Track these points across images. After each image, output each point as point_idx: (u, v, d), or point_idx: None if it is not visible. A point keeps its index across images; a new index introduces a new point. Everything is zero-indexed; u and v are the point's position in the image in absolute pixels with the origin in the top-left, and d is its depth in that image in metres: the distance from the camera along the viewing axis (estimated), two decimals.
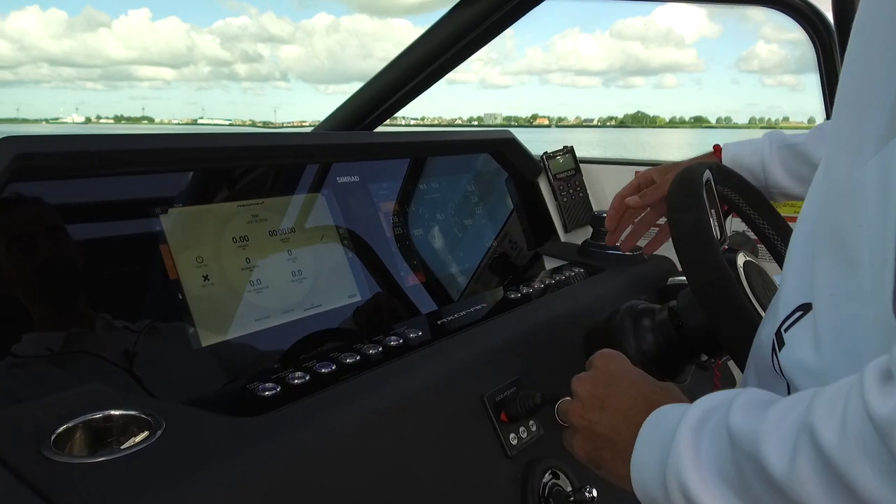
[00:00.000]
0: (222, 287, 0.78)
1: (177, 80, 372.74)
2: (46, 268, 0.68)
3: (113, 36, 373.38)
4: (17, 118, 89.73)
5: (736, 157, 0.95)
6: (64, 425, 0.54)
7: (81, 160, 0.68)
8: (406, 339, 0.81)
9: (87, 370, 0.66)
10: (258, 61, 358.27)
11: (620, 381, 0.61)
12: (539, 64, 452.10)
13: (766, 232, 0.94)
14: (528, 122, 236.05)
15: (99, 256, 0.71)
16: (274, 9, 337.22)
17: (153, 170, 0.77)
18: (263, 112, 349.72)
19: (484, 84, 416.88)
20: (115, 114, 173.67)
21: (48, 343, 0.66)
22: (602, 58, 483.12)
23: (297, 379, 0.68)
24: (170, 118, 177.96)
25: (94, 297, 0.70)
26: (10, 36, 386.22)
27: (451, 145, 1.19)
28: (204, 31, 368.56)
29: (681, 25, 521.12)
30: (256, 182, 0.87)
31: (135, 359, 0.69)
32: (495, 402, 0.75)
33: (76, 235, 0.70)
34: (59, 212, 0.69)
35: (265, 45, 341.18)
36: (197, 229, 0.79)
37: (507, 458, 0.74)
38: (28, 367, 0.64)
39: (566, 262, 1.24)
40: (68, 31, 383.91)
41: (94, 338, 0.68)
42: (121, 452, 0.52)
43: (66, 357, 0.66)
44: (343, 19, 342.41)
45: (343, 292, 0.90)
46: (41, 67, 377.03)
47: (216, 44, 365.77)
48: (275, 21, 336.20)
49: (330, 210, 0.94)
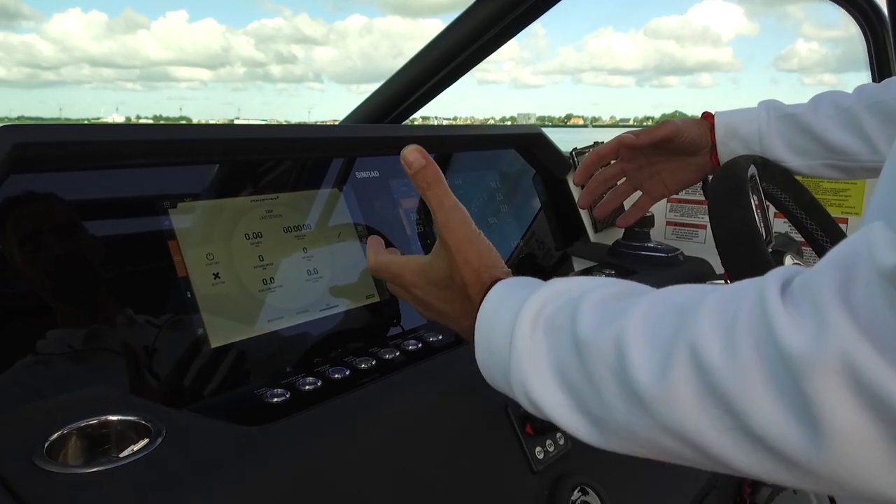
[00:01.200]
0: (233, 286, 0.74)
1: (213, 80, 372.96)
2: (48, 264, 0.65)
3: (151, 37, 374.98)
4: (61, 118, 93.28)
5: (730, 125, 0.87)
6: (58, 432, 0.51)
7: (85, 151, 0.65)
8: (426, 342, 0.76)
9: (88, 371, 0.63)
10: (292, 62, 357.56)
11: (427, 302, 0.57)
12: (572, 63, 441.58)
13: (815, 234, 0.87)
14: (562, 122, 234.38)
15: (103, 253, 0.68)
16: (308, 10, 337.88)
17: (161, 162, 0.74)
18: (297, 112, 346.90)
19: (516, 84, 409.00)
20: (153, 114, 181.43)
21: (50, 341, 0.63)
22: (636, 57, 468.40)
23: (308, 385, 0.64)
24: (207, 118, 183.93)
25: (97, 296, 0.66)
26: (53, 38, 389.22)
27: (476, 140, 1.15)
28: (239, 33, 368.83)
29: (717, 24, 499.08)
30: (271, 176, 0.84)
31: (139, 360, 0.65)
32: (520, 413, 0.70)
33: (79, 230, 0.67)
34: (61, 206, 0.66)
35: (299, 46, 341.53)
36: (207, 225, 0.75)
37: (533, 473, 0.69)
38: (20, 368, 0.61)
39: (596, 263, 1.18)
40: (108, 33, 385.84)
41: (96, 337, 0.65)
42: (118, 462, 0.49)
43: (68, 357, 0.63)
44: (376, 21, 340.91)
45: (360, 292, 0.86)
46: (82, 68, 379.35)
47: (251, 45, 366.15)
48: (308, 22, 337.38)
49: (348, 206, 0.89)
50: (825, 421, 0.28)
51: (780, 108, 0.86)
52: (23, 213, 0.64)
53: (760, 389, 0.30)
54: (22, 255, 0.63)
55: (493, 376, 0.49)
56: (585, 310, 0.40)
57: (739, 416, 0.31)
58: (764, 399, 0.30)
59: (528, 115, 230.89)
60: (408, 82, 1.44)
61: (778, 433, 0.30)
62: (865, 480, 0.28)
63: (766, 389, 0.30)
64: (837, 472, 0.29)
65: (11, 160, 0.59)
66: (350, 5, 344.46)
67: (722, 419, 0.32)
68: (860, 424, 0.27)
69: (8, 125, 0.59)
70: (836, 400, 0.27)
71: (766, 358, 0.30)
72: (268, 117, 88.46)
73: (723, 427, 0.32)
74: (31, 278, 0.63)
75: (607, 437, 0.39)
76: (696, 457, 0.35)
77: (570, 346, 0.40)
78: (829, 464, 0.29)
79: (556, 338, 0.42)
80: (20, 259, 0.63)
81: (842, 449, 0.28)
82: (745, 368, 0.31)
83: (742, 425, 0.31)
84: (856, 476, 0.29)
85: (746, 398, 0.31)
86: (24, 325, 0.62)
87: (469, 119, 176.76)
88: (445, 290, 0.55)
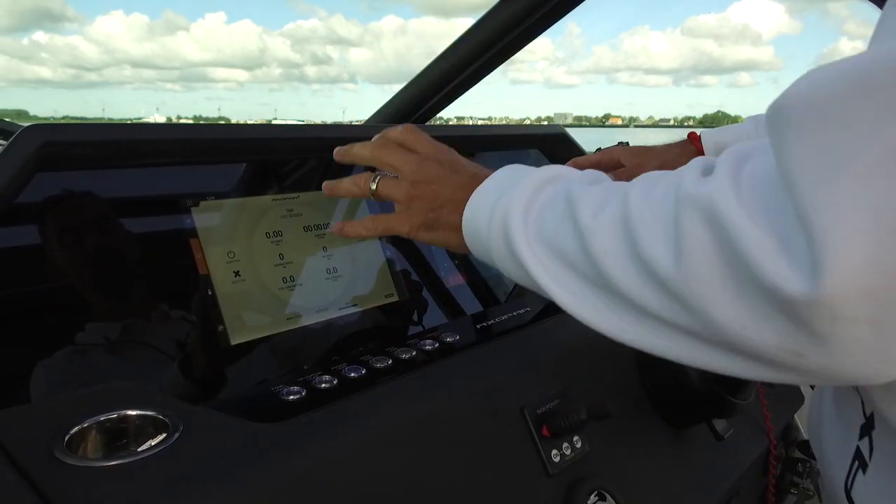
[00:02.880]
0: (254, 284, 0.75)
1: (250, 81, 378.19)
2: (71, 260, 0.66)
3: (190, 38, 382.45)
4: (104, 118, 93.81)
5: (719, 144, 0.85)
6: (78, 426, 0.52)
7: (109, 150, 0.66)
8: (442, 342, 0.76)
9: (108, 366, 0.64)
10: (327, 63, 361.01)
11: (452, 156, 0.58)
12: (607, 63, 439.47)
13: None
14: (600, 123, 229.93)
15: (126, 250, 0.69)
16: (343, 11, 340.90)
17: (184, 161, 0.75)
18: (332, 113, 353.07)
19: (549, 84, 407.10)
20: (193, 114, 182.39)
21: (73, 336, 0.64)
22: (673, 56, 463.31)
23: (325, 383, 0.65)
24: (245, 119, 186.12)
25: (119, 292, 0.68)
26: (96, 39, 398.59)
27: (499, 139, 1.14)
28: (275, 34, 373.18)
29: (758, 22, 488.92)
30: (292, 176, 0.84)
31: (159, 355, 0.66)
32: (537, 415, 0.70)
33: (102, 228, 0.68)
34: (86, 204, 0.68)
35: (334, 47, 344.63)
36: (229, 223, 0.76)
37: (549, 476, 0.68)
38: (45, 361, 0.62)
39: None
40: (149, 34, 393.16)
41: (116, 333, 0.66)
42: (136, 455, 0.50)
43: (88, 352, 0.64)
44: (411, 22, 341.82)
45: (380, 291, 0.86)
46: (124, 69, 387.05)
47: (287, 46, 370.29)
48: (343, 23, 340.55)
49: (368, 205, 0.90)
50: (684, 241, 0.34)
51: None
52: (49, 210, 0.65)
53: (653, 220, 0.37)
54: (47, 251, 0.65)
55: (476, 215, 0.51)
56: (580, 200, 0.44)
57: (635, 242, 0.38)
58: (656, 227, 0.37)
59: (565, 115, 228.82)
60: (432, 81, 1.44)
61: (656, 253, 0.36)
62: (705, 300, 0.34)
63: (657, 219, 0.37)
64: (687, 289, 0.35)
65: (38, 158, 0.60)
66: (385, 6, 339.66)
67: (622, 243, 0.39)
68: (708, 247, 0.34)
69: (35, 124, 0.61)
70: (694, 225, 0.34)
71: (667, 197, 0.37)
72: (304, 118, 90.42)
73: (620, 251, 0.39)
74: (54, 274, 0.65)
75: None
76: None
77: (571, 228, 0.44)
78: (684, 281, 0.35)
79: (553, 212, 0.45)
80: (46, 255, 0.65)
81: (692, 268, 0.34)
82: (654, 206, 0.38)
83: (635, 251, 0.38)
84: (699, 296, 0.34)
85: (644, 228, 0.37)
86: (41, 321, 0.63)
87: (504, 119, 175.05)
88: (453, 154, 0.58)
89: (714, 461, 0.89)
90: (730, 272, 0.33)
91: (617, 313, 0.41)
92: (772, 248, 0.31)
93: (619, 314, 0.41)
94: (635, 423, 0.82)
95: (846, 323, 0.30)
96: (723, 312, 0.34)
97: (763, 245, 0.31)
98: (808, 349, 0.32)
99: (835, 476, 0.52)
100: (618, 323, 0.41)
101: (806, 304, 0.30)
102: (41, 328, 0.62)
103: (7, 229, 0.62)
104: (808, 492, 1.03)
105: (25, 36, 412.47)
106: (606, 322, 0.42)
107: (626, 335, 0.41)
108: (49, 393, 0.60)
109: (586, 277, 0.42)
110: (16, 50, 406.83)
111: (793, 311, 0.31)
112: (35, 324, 0.62)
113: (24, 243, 0.66)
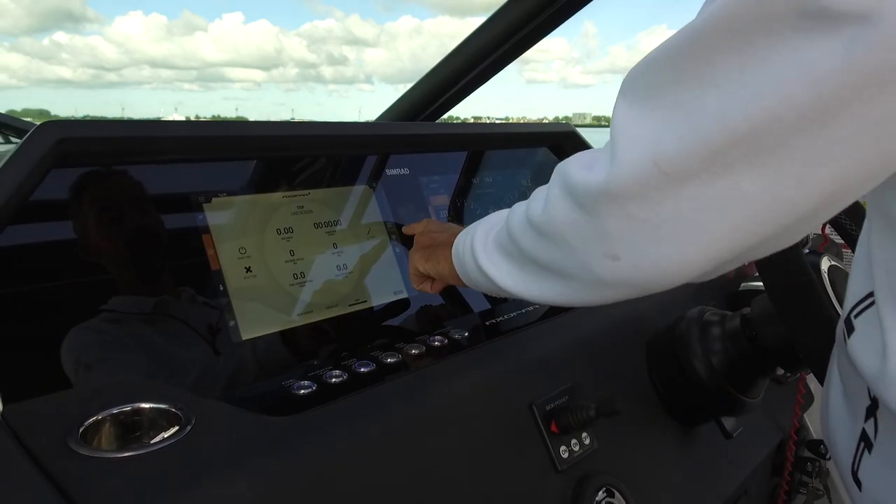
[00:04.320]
0: (265, 279, 0.76)
1: (266, 81, 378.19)
2: (84, 254, 0.67)
3: (208, 39, 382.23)
4: (123, 118, 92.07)
5: None
6: (92, 418, 0.53)
7: (123, 146, 0.67)
8: (451, 339, 0.77)
9: (122, 360, 0.65)
10: (343, 64, 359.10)
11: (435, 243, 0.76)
12: (623, 62, 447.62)
13: (855, 234, 0.85)
14: None
15: (140, 244, 0.70)
16: (359, 11, 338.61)
17: (197, 158, 0.76)
18: (348, 114, 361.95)
19: (565, 83, 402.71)
20: (211, 114, 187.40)
21: (83, 329, 0.65)
22: None
23: (335, 378, 0.65)
24: (263, 119, 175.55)
25: (132, 285, 0.68)
26: (115, 40, 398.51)
27: (507, 138, 1.14)
28: (291, 34, 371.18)
29: None
30: (303, 173, 0.85)
31: (172, 349, 0.67)
32: (545, 412, 0.70)
33: (116, 223, 0.69)
34: (99, 198, 0.68)
35: (350, 47, 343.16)
36: (240, 220, 0.77)
37: (557, 472, 0.68)
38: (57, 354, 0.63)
39: None
40: (167, 35, 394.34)
41: (130, 326, 0.67)
42: (149, 447, 0.51)
43: (99, 346, 0.65)
44: (426, 22, 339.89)
45: (389, 288, 0.86)
46: (143, 69, 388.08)
47: (303, 46, 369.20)
48: (360, 24, 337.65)
49: (378, 203, 0.90)
50: (548, 197, 0.48)
51: None
52: (63, 206, 0.66)
53: (538, 195, 0.51)
54: (64, 248, 0.65)
55: (463, 262, 0.65)
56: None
57: (528, 210, 0.51)
58: (539, 197, 0.51)
59: (584, 115, 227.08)
60: (442, 80, 1.44)
61: (535, 210, 0.50)
62: (555, 224, 0.47)
63: (540, 193, 0.51)
64: (548, 225, 0.48)
65: (54, 155, 0.61)
66: (401, 6, 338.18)
67: (523, 217, 0.53)
68: (556, 191, 0.47)
69: (50, 120, 0.62)
70: (552, 184, 0.48)
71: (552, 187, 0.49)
72: (320, 118, 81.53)
73: (522, 222, 0.53)
74: (70, 271, 0.66)
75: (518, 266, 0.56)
76: None
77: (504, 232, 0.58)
78: (548, 221, 0.48)
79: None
80: (63, 252, 0.65)
81: (550, 210, 0.47)
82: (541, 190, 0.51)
83: (528, 216, 0.52)
84: (552, 223, 0.47)
85: (534, 202, 0.51)
86: (52, 314, 0.64)
87: (521, 119, 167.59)
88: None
89: (722, 459, 0.89)
90: (564, 196, 0.46)
91: (522, 275, 0.55)
92: (587, 169, 0.44)
93: (524, 275, 0.54)
94: (644, 421, 0.82)
95: (631, 210, 0.41)
96: (561, 226, 0.47)
97: (582, 172, 0.44)
98: (615, 247, 0.43)
99: (843, 461, 0.53)
100: (523, 283, 0.55)
101: (599, 192, 0.42)
102: (43, 326, 0.63)
103: (24, 226, 0.63)
104: (817, 491, 1.03)
105: (46, 36, 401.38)
106: (518, 284, 0.55)
107: (526, 290, 0.55)
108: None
109: (511, 255, 0.56)
110: (37, 50, 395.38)
111: (595, 205, 0.43)
112: (38, 321, 0.63)
113: (42, 239, 0.67)
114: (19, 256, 0.62)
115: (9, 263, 0.61)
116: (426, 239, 0.79)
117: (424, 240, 0.79)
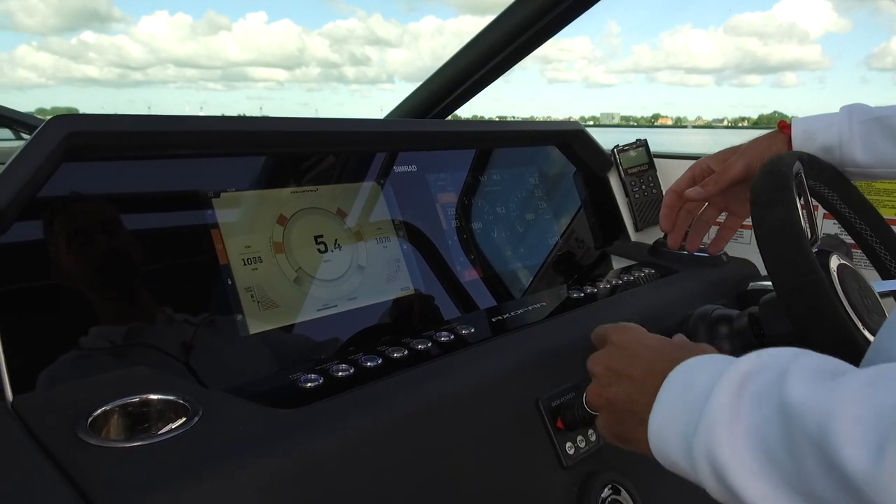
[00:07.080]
0: (272, 274, 0.76)
1: (289, 81, 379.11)
2: (100, 254, 0.67)
3: (232, 38, 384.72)
4: None
5: (808, 131, 0.83)
6: (101, 408, 0.53)
7: (134, 141, 0.68)
8: (458, 335, 0.77)
9: (132, 353, 0.66)
10: (366, 64, 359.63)
11: (636, 349, 0.55)
12: (646, 62, 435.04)
13: (865, 234, 0.84)
14: (649, 123, 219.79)
15: (148, 239, 0.70)
16: (382, 11, 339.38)
17: (206, 153, 0.76)
18: (371, 112, 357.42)
19: (587, 83, 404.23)
20: (236, 113, 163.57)
21: (97, 320, 0.65)
22: (715, 55, 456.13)
23: (342, 372, 0.65)
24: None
25: (141, 283, 0.69)
26: (141, 39, 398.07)
27: (515, 136, 1.14)
28: (314, 34, 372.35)
29: (805, 20, 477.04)
30: (311, 169, 0.85)
31: (180, 343, 0.68)
32: (551, 408, 0.70)
33: (127, 218, 0.70)
34: (109, 192, 0.69)
35: (373, 47, 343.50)
36: (248, 215, 0.77)
37: (563, 468, 0.68)
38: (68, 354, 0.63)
39: (636, 262, 1.17)
40: (192, 34, 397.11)
41: (141, 318, 0.67)
42: (157, 438, 0.51)
43: (113, 338, 0.65)
44: (449, 22, 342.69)
45: (395, 284, 0.87)
46: (168, 69, 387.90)
47: (326, 46, 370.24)
48: (382, 24, 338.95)
49: (385, 199, 0.90)
50: None
51: (865, 112, 0.80)
52: (74, 199, 0.67)
53: None
54: (74, 240, 0.66)
55: (665, 436, 0.47)
56: (794, 377, 0.38)
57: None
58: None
59: (612, 114, 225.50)
60: (451, 78, 1.44)
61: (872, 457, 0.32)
62: None
63: None
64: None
65: (64, 149, 0.61)
66: (424, 6, 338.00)
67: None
68: None
69: (60, 115, 0.62)
70: None
71: None
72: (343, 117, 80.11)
73: None
74: (79, 263, 0.66)
75: None
76: None
77: (774, 412, 0.38)
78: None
79: (761, 404, 0.39)
80: (73, 244, 0.66)
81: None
82: None
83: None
84: None
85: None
86: (68, 309, 0.64)
87: (546, 119, 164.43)
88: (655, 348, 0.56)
89: None
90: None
91: None
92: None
93: None
94: None
95: None
96: None
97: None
98: None
99: None
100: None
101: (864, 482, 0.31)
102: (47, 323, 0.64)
103: (33, 222, 0.64)
104: None
105: (74, 36, 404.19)
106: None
107: None
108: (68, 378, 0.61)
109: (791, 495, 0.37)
110: (65, 50, 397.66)
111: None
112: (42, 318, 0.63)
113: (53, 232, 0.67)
114: (31, 249, 0.63)
115: (20, 256, 0.62)
116: (609, 393, 0.55)
117: (606, 395, 0.56)
